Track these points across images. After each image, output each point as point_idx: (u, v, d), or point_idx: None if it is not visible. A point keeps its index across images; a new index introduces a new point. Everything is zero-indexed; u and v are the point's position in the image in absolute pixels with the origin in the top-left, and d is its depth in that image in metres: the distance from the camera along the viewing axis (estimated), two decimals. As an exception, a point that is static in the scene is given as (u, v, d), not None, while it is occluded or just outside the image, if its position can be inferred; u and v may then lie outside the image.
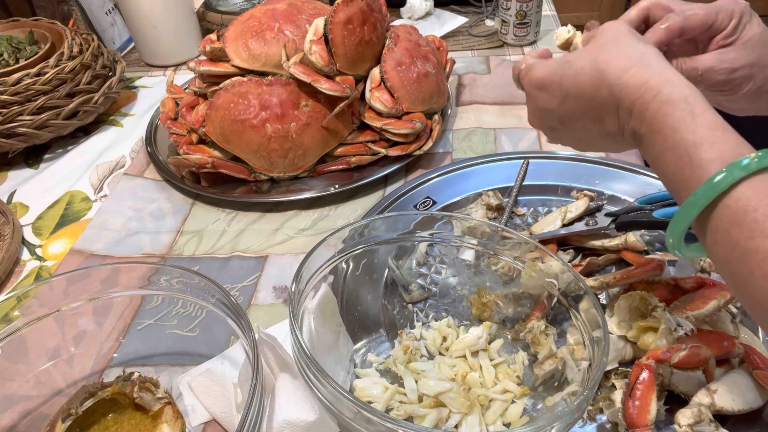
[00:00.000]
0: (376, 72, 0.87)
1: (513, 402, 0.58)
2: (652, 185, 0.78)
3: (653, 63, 0.43)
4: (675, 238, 0.41)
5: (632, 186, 0.80)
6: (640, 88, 0.42)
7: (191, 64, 0.88)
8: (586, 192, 0.78)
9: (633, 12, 0.53)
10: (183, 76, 1.10)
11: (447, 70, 0.99)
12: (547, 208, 0.80)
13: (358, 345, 0.64)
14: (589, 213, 0.74)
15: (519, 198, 0.81)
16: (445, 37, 1.27)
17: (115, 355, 0.66)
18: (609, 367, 0.59)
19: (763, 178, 0.36)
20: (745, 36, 0.50)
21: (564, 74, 0.48)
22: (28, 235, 0.85)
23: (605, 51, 0.45)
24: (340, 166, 0.89)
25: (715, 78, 0.50)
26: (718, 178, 0.37)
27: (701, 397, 0.53)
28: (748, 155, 0.36)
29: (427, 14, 1.35)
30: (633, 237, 0.71)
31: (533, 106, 0.53)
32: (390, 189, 0.87)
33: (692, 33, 0.51)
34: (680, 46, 0.53)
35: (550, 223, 0.75)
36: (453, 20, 1.33)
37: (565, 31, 0.55)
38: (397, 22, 1.24)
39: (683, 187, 0.39)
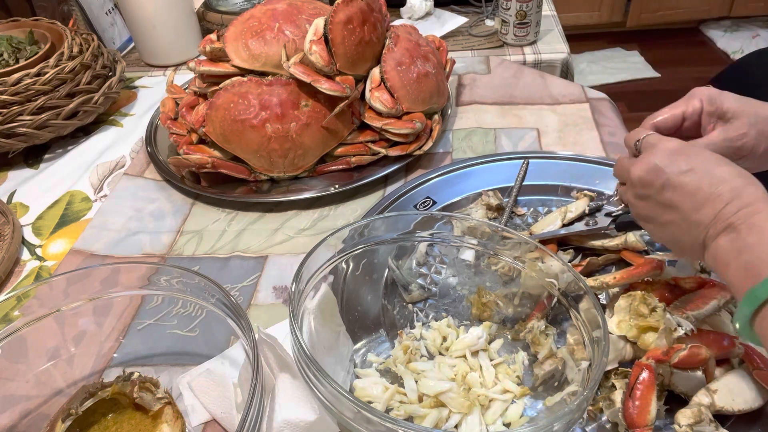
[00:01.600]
0: (376, 72, 0.87)
1: (513, 402, 0.58)
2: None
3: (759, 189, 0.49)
4: (744, 317, 0.45)
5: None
6: (756, 197, 0.47)
7: (191, 64, 0.88)
8: (586, 192, 0.78)
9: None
10: (183, 76, 1.10)
11: (447, 70, 0.99)
12: (547, 208, 0.80)
13: (358, 345, 0.64)
14: (589, 213, 0.74)
15: (519, 198, 0.81)
16: (445, 37, 1.27)
17: (115, 355, 0.66)
18: (609, 367, 0.59)
19: None
20: (730, 108, 0.56)
21: (677, 178, 0.51)
22: (28, 235, 0.85)
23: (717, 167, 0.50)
24: (340, 166, 0.89)
25: (731, 149, 0.56)
26: None
27: (701, 397, 0.53)
28: None
29: (427, 14, 1.35)
30: (633, 237, 0.71)
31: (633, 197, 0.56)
32: (390, 189, 0.87)
33: (668, 132, 0.58)
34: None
35: (550, 223, 0.75)
36: (453, 20, 1.33)
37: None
38: (397, 22, 1.24)
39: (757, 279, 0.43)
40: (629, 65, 2.98)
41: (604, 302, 0.66)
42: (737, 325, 0.45)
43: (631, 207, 0.57)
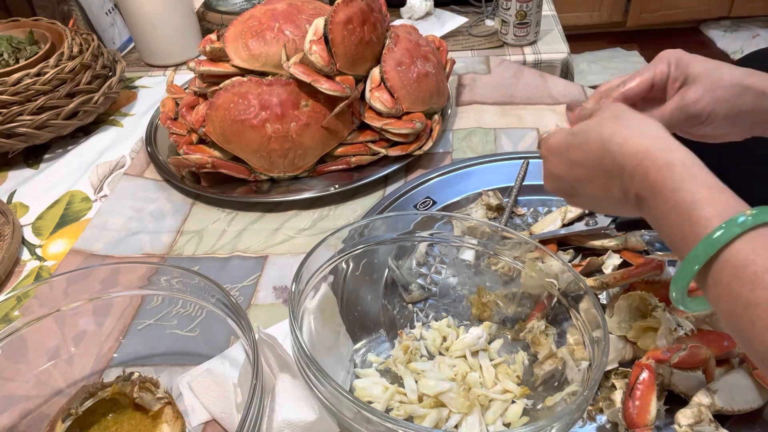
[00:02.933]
0: (376, 72, 0.87)
1: (513, 402, 0.58)
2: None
3: (652, 132, 0.46)
4: (679, 293, 0.43)
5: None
6: (639, 155, 0.45)
7: (191, 64, 0.88)
8: (586, 192, 0.78)
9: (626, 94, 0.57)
10: (183, 76, 1.10)
11: (447, 70, 0.99)
12: (547, 208, 0.80)
13: (358, 345, 0.64)
14: (589, 213, 0.74)
15: (519, 198, 0.81)
16: (445, 37, 1.27)
17: (115, 355, 0.66)
18: (609, 367, 0.59)
19: (761, 233, 0.39)
20: (693, 72, 0.54)
21: (571, 144, 0.51)
22: (28, 235, 0.85)
23: (608, 123, 0.49)
24: (340, 166, 0.89)
25: (685, 115, 0.54)
26: (717, 234, 0.39)
27: (701, 397, 0.53)
28: (744, 212, 0.39)
29: (427, 14, 1.35)
30: (633, 237, 0.71)
31: (547, 171, 0.56)
32: (390, 189, 0.87)
33: (637, 98, 0.57)
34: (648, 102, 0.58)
35: (550, 223, 0.75)
36: (453, 20, 1.33)
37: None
38: (397, 22, 1.24)
39: (684, 245, 0.41)
40: (629, 65, 2.98)
41: (604, 302, 0.66)
42: (673, 295, 0.44)
43: (557, 192, 0.57)
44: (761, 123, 0.55)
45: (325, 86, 0.80)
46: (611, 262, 0.70)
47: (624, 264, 0.70)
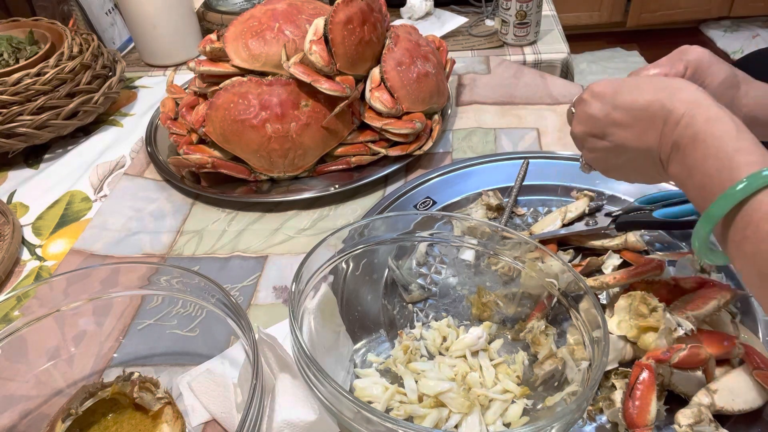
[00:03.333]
0: (376, 72, 0.87)
1: (513, 402, 0.58)
2: (652, 186, 0.78)
3: (701, 91, 0.48)
4: (702, 239, 0.44)
5: (632, 186, 0.79)
6: (692, 104, 0.46)
7: (191, 64, 0.88)
8: (586, 192, 0.78)
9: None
10: (183, 76, 1.10)
11: (447, 70, 0.99)
12: (547, 208, 0.80)
13: (358, 345, 0.64)
14: (589, 213, 0.74)
15: (519, 198, 0.81)
16: (445, 37, 1.27)
17: (115, 355, 0.66)
18: (609, 367, 0.59)
19: None
20: (710, 87, 0.55)
21: (623, 85, 0.52)
22: (28, 235, 0.85)
23: (659, 79, 0.51)
24: (340, 166, 0.89)
25: None
26: (766, 172, 0.40)
27: (701, 397, 0.53)
28: None
29: (427, 14, 1.35)
30: (633, 237, 0.71)
31: (582, 113, 0.56)
32: (390, 189, 0.87)
33: None
34: None
35: (550, 223, 0.75)
36: (453, 20, 1.33)
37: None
38: (397, 22, 1.24)
39: (719, 188, 0.42)
40: (629, 65, 2.98)
41: (604, 302, 0.66)
42: (696, 244, 0.45)
43: (583, 148, 0.58)
44: None
45: (325, 86, 0.80)
46: (611, 262, 0.70)
47: (624, 264, 0.70)
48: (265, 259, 0.77)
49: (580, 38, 3.05)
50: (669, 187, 0.75)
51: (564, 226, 0.74)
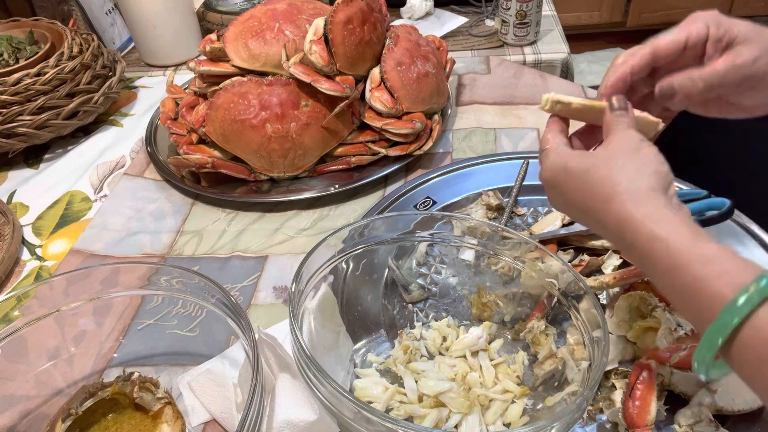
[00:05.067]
0: (376, 72, 0.87)
1: (513, 402, 0.58)
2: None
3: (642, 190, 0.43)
4: (702, 365, 0.40)
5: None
6: (621, 222, 0.43)
7: (191, 64, 0.88)
8: (586, 192, 0.78)
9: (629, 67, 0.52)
10: (183, 76, 1.10)
11: (447, 70, 0.99)
12: (547, 208, 0.80)
13: (358, 345, 0.64)
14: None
15: (519, 198, 0.81)
16: (445, 37, 1.27)
17: (115, 355, 0.66)
18: (609, 367, 0.59)
19: None
20: (742, 32, 0.50)
21: (567, 181, 0.48)
22: (28, 235, 0.85)
23: (602, 169, 0.45)
24: (340, 166, 0.89)
25: (741, 76, 0.49)
26: (741, 301, 0.36)
27: (701, 397, 0.53)
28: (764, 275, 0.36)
29: (427, 14, 1.35)
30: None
31: (541, 178, 0.53)
32: (390, 189, 0.87)
33: (667, 58, 0.52)
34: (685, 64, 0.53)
35: (550, 223, 0.75)
36: (453, 20, 1.33)
37: (545, 100, 0.53)
38: (397, 22, 1.24)
39: (700, 317, 0.39)
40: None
41: (604, 302, 0.66)
42: (696, 365, 0.40)
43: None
44: None
45: (325, 86, 0.80)
46: (611, 262, 0.70)
47: (624, 264, 0.70)
48: (265, 259, 0.77)
49: (580, 38, 3.05)
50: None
51: (564, 226, 0.74)
